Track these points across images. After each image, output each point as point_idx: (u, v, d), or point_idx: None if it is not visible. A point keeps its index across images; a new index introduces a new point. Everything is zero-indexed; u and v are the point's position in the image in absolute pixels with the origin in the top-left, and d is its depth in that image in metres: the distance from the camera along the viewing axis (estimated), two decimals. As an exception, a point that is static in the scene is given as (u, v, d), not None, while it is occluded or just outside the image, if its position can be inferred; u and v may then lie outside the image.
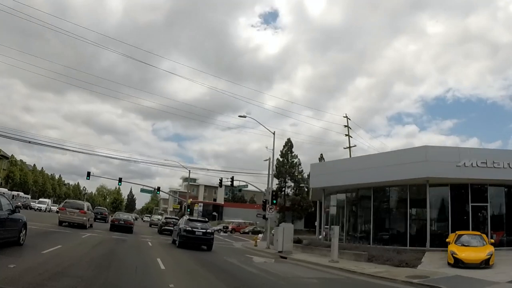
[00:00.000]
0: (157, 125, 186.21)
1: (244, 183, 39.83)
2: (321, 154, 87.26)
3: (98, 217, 38.49)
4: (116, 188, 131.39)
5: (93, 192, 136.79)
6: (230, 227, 50.47)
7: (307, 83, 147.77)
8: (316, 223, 30.40)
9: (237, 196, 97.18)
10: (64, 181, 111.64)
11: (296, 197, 70.02)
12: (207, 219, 24.60)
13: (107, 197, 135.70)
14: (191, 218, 22.70)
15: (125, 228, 26.63)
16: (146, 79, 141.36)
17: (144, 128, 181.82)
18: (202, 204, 75.41)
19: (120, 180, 49.09)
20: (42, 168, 76.83)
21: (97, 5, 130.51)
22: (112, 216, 34.49)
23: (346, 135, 45.27)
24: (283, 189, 74.35)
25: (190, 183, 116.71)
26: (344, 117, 45.20)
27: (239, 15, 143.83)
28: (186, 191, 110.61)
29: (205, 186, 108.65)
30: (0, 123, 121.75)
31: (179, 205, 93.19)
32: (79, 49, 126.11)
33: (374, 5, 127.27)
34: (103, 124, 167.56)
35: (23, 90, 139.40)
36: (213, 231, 20.62)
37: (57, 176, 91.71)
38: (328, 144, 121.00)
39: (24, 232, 11.18)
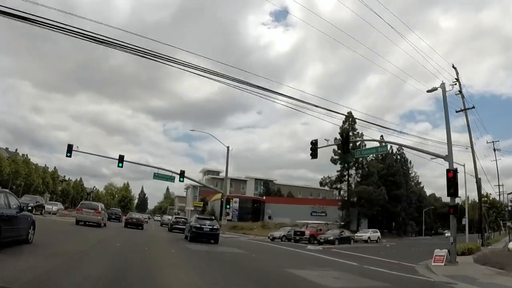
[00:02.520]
0: (167, 126, 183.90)
1: (380, 141, 21.29)
2: (381, 136, 68.58)
3: (113, 217, 40.92)
4: (124, 184, 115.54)
5: (99, 190, 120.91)
6: (307, 233, 31.69)
7: (317, 81, 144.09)
8: None
9: (272, 190, 78.63)
10: (64, 176, 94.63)
11: (367, 188, 51.21)
12: (213, 217, 27.10)
13: (116, 195, 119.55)
14: (200, 216, 25.13)
15: (137, 224, 31.15)
16: (156, 79, 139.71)
17: (154, 128, 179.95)
18: (238, 200, 56.92)
19: (121, 159, 31.55)
20: (27, 155, 59.41)
21: (104, 4, 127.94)
22: (126, 216, 36.77)
23: (459, 91, 31.05)
24: (345, 177, 55.68)
25: (213, 176, 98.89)
26: (453, 67, 31.17)
27: (249, 13, 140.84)
28: (210, 185, 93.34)
29: (231, 179, 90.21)
30: (9, 123, 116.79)
31: (201, 203, 75.54)
32: (88, 49, 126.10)
33: (385, 0, 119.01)
34: (113, 125, 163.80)
35: (32, 90, 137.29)
36: (218, 227, 22.18)
37: (51, 169, 73.96)
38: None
39: (32, 231, 10.85)
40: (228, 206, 37.41)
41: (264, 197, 61.66)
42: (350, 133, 57.01)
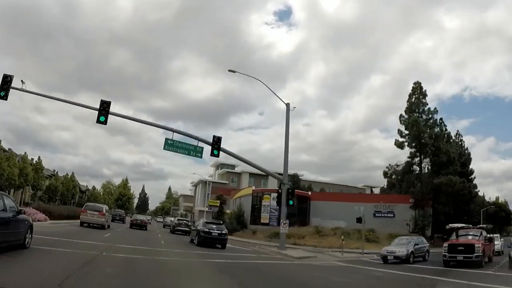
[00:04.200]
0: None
1: None
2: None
3: (117, 218, 43.07)
4: (123, 181, 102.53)
5: (97, 189, 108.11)
6: (479, 247, 17.15)
7: (320, 82, 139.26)
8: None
9: (302, 186, 64.81)
10: (54, 170, 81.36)
11: (453, 178, 37.66)
12: (221, 221, 26.72)
13: (114, 194, 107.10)
14: (208, 221, 24.42)
15: (141, 226, 34.21)
16: (158, 79, 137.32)
17: (156, 129, 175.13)
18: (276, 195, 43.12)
19: (103, 109, 18.67)
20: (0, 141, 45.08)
21: (106, 3, 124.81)
22: (131, 217, 40.42)
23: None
24: (414, 166, 42.14)
25: (228, 170, 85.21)
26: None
27: (251, 13, 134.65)
28: (225, 181, 79.86)
29: (250, 174, 76.61)
30: (11, 124, 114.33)
31: (218, 201, 62.17)
32: (89, 50, 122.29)
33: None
34: (114, 125, 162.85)
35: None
36: (227, 232, 22.32)
37: (35, 160, 60.23)
38: (341, 145, 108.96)
39: (30, 235, 10.51)
40: (291, 202, 24.06)
41: (310, 193, 47.96)
42: (422, 108, 43.74)
